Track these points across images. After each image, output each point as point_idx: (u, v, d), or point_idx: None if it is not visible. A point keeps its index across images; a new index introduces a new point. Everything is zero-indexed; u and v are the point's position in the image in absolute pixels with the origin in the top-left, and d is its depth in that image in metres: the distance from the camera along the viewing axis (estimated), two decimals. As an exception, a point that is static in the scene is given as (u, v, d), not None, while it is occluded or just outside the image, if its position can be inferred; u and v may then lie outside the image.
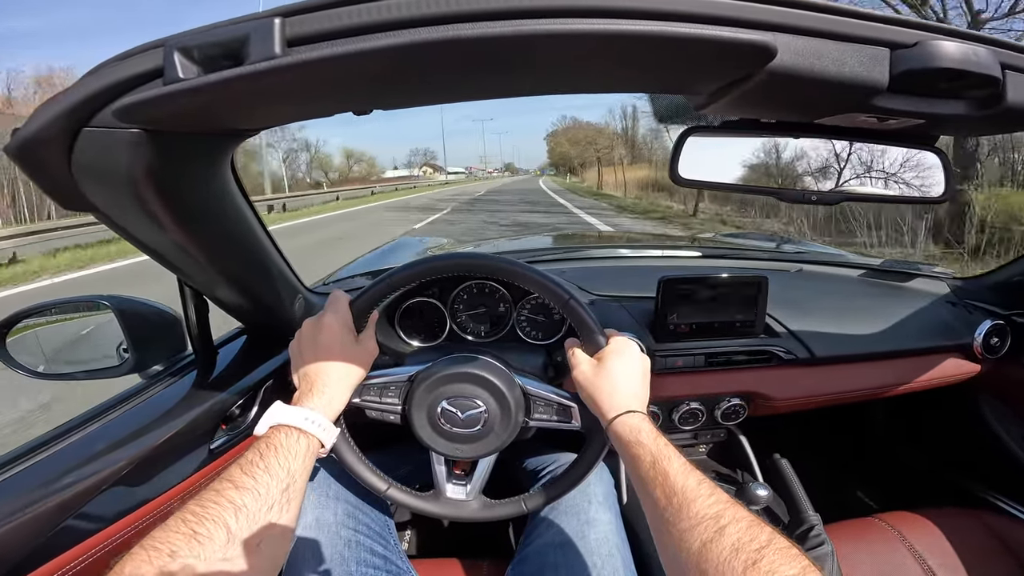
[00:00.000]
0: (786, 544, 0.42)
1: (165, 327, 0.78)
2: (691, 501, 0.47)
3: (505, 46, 0.35)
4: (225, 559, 0.42)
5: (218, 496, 0.45)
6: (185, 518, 0.43)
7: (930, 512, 0.95)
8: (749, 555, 0.40)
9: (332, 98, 0.43)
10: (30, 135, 0.37)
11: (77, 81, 0.37)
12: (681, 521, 0.47)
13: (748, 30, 0.36)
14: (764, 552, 0.40)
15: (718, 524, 0.44)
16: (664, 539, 0.49)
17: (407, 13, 0.35)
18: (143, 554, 0.39)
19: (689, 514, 0.46)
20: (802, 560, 0.40)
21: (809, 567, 0.39)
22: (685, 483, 0.50)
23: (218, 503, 0.45)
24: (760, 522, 0.44)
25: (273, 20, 0.35)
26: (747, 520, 0.44)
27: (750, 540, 0.42)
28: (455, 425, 0.70)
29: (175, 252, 0.56)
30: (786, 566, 0.39)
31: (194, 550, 0.41)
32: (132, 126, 0.38)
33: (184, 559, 0.40)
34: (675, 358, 0.92)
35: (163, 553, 0.40)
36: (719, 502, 0.47)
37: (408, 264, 0.70)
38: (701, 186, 0.60)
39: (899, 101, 0.43)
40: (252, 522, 0.45)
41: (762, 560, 0.40)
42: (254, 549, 0.45)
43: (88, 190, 0.43)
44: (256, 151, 27.80)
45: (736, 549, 0.41)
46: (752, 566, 0.40)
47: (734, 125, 0.58)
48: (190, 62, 0.36)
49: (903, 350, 0.97)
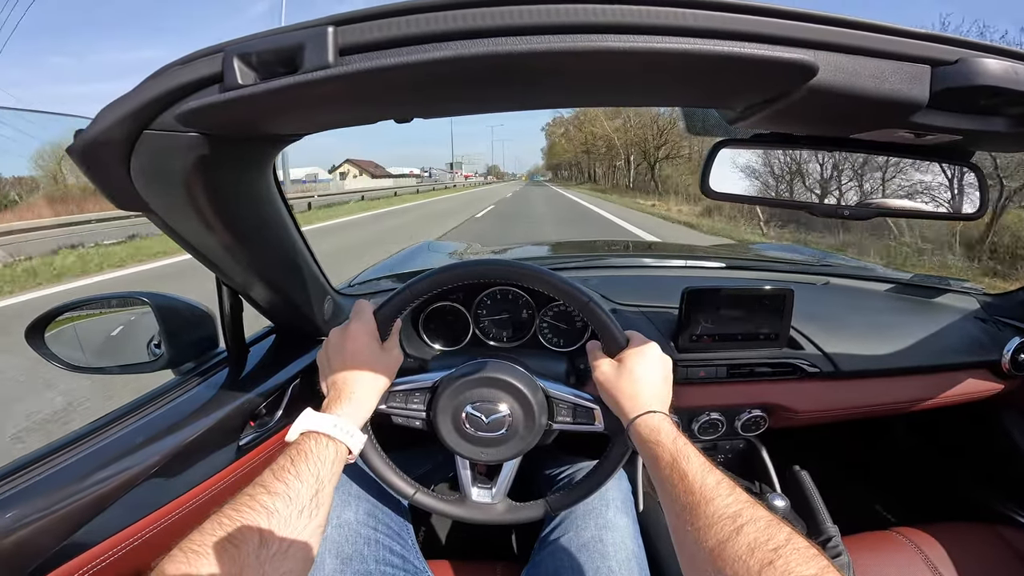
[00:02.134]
0: (804, 544, 0.41)
1: (198, 324, 0.80)
2: (709, 500, 0.47)
3: (556, 61, 0.36)
4: (258, 561, 0.44)
5: (252, 501, 0.47)
6: (221, 521, 0.44)
7: (948, 526, 0.94)
8: (765, 554, 0.40)
9: (378, 106, 0.44)
10: (94, 137, 0.39)
11: (140, 84, 0.38)
12: (699, 520, 0.47)
13: (790, 48, 0.36)
14: (781, 552, 0.40)
15: (735, 523, 0.44)
16: (682, 538, 0.49)
17: (458, 25, 0.36)
18: (182, 556, 0.41)
19: (707, 513, 0.46)
20: (821, 561, 0.40)
21: (828, 568, 0.39)
22: (704, 482, 0.50)
23: (252, 507, 0.46)
24: (779, 522, 0.44)
25: (327, 29, 0.36)
26: (765, 520, 0.44)
27: (767, 540, 0.42)
28: (480, 429, 0.71)
29: (219, 252, 0.58)
30: (803, 566, 0.39)
31: (229, 553, 0.42)
32: (190, 130, 0.40)
33: (220, 562, 0.41)
34: (697, 368, 0.92)
35: (200, 555, 0.41)
36: (737, 502, 0.47)
37: (430, 272, 0.71)
38: (732, 199, 0.61)
39: (938, 117, 0.43)
40: (283, 526, 0.47)
41: (778, 560, 0.39)
42: (285, 552, 0.46)
43: (143, 190, 0.44)
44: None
45: (752, 548, 0.41)
46: (768, 565, 0.39)
47: (765, 139, 0.58)
48: (248, 68, 0.37)
49: (929, 366, 0.96)
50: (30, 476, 0.57)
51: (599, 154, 49.01)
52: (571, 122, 52.33)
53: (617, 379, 0.66)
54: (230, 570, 0.42)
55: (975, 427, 1.11)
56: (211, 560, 0.41)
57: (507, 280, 0.83)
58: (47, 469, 0.59)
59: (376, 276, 1.23)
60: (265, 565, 0.44)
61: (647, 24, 0.35)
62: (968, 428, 1.13)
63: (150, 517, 0.63)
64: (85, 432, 0.65)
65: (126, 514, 0.61)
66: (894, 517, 1.20)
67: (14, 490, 0.55)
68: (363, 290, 1.09)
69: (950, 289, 1.11)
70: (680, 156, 28.50)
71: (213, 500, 0.70)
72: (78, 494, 0.57)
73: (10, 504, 0.53)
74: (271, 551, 0.45)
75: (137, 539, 0.61)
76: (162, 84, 0.38)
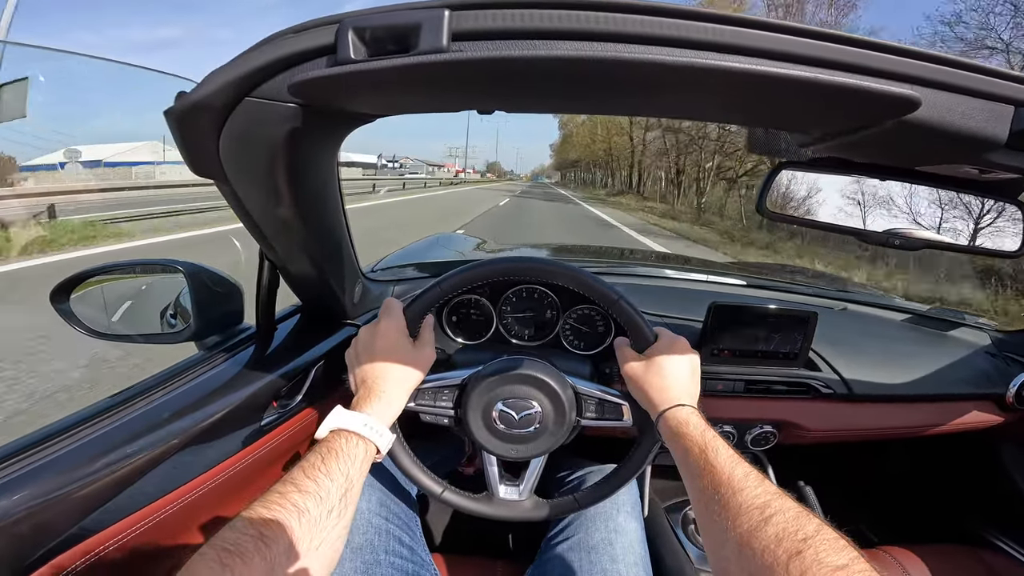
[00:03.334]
0: (834, 536, 0.41)
1: (228, 297, 0.79)
2: (737, 491, 0.48)
3: (657, 72, 0.37)
4: (288, 559, 0.44)
5: (282, 499, 0.47)
6: (252, 519, 0.44)
7: (933, 548, 0.97)
8: (793, 544, 0.40)
9: (472, 95, 0.44)
10: (198, 100, 0.38)
11: (249, 49, 0.38)
12: (727, 510, 0.47)
13: (896, 83, 0.37)
14: (810, 543, 0.40)
15: (763, 514, 0.44)
16: (709, 528, 0.49)
17: (572, 26, 0.36)
18: (212, 553, 0.40)
19: (735, 503, 0.47)
20: (851, 552, 0.40)
21: (858, 558, 0.39)
22: (732, 473, 0.50)
23: (283, 506, 0.46)
24: (808, 513, 0.44)
25: (443, 12, 0.36)
26: (794, 511, 0.44)
27: (796, 531, 0.42)
28: (510, 426, 0.71)
29: (275, 224, 0.57)
30: (833, 556, 0.39)
31: (260, 551, 0.42)
32: (290, 100, 0.40)
33: (251, 559, 0.41)
34: (716, 381, 0.94)
35: (232, 553, 0.41)
36: (766, 492, 0.47)
37: (460, 269, 0.71)
38: (787, 220, 0.62)
39: (1011, 157, 0.44)
40: (313, 525, 0.47)
41: (808, 550, 0.39)
42: (314, 550, 0.46)
43: (227, 156, 0.44)
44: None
45: (780, 538, 0.41)
46: (796, 555, 0.39)
47: (825, 163, 0.59)
48: (361, 43, 0.37)
49: (938, 395, 0.99)
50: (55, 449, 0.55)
51: (621, 159, 38.56)
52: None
53: (646, 373, 0.68)
54: (261, 568, 0.41)
55: (971, 455, 1.15)
56: (242, 558, 0.41)
57: (537, 278, 0.83)
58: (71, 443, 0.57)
59: (400, 263, 1.22)
60: (295, 564, 0.44)
61: (758, 48, 0.36)
62: (964, 456, 1.17)
63: (171, 495, 0.62)
64: (110, 404, 0.64)
65: (149, 491, 0.60)
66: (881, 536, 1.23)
67: (33, 465, 0.53)
68: (388, 276, 1.08)
69: (964, 323, 1.15)
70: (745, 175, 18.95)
71: (232, 480, 0.69)
72: (103, 470, 0.56)
73: (28, 480, 0.51)
74: (302, 550, 0.45)
75: (157, 517, 0.60)
76: (272, 52, 0.37)
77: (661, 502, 1.07)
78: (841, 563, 0.39)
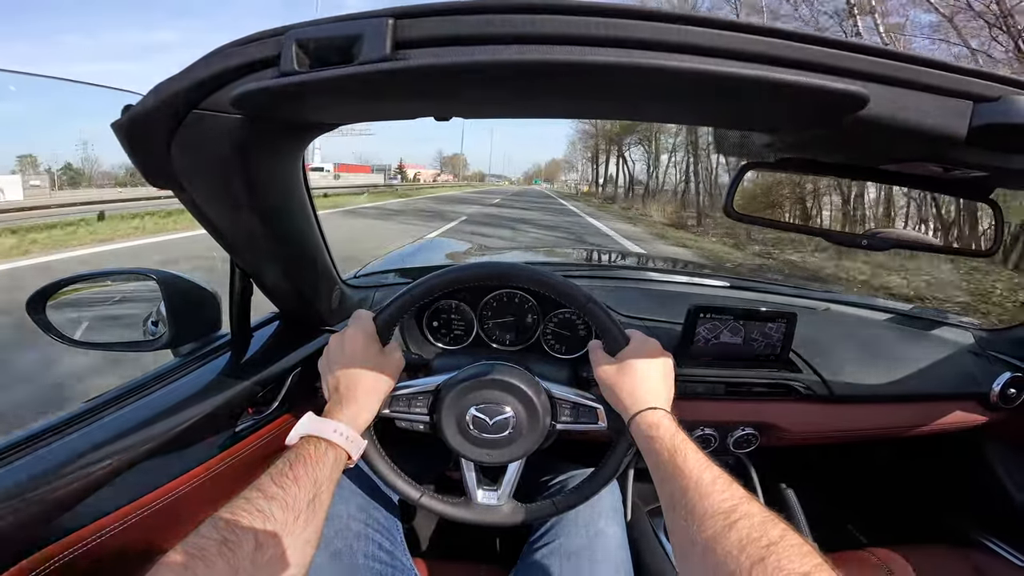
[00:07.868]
0: (798, 541, 0.41)
1: (203, 305, 0.79)
2: (704, 496, 0.47)
3: (611, 74, 0.36)
4: (254, 566, 0.44)
5: (248, 504, 0.47)
6: (216, 524, 0.44)
7: (919, 549, 0.97)
8: (756, 551, 0.40)
9: (423, 102, 0.44)
10: (144, 111, 0.38)
11: (196, 62, 0.38)
12: (692, 516, 0.46)
13: (844, 78, 0.37)
14: (773, 549, 0.39)
15: (728, 519, 0.44)
16: (676, 533, 0.49)
17: (514, 29, 0.36)
18: (177, 558, 0.41)
19: (700, 508, 0.46)
20: (814, 558, 0.39)
21: (821, 565, 0.38)
22: (700, 478, 0.50)
23: (248, 511, 0.46)
24: (774, 519, 0.44)
25: (386, 21, 0.36)
26: (760, 516, 0.43)
27: (760, 536, 0.41)
28: (484, 431, 0.71)
29: (241, 234, 0.57)
30: (795, 563, 0.38)
31: (223, 555, 0.42)
32: (237, 112, 0.39)
33: (214, 563, 0.41)
34: (696, 384, 0.93)
35: (195, 557, 0.41)
36: (733, 497, 0.46)
37: (427, 278, 0.70)
38: (753, 221, 0.62)
39: (972, 153, 0.44)
40: (280, 531, 0.47)
41: (770, 557, 0.39)
42: (280, 556, 0.46)
43: (180, 168, 0.44)
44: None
45: (743, 545, 0.41)
46: (759, 562, 0.39)
47: (792, 163, 0.59)
48: (304, 55, 0.37)
49: (921, 394, 0.99)
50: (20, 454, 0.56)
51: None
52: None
53: (617, 376, 0.67)
54: (224, 572, 0.41)
55: (956, 455, 1.14)
56: (206, 563, 0.41)
57: (506, 282, 0.83)
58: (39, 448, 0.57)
59: (383, 269, 1.22)
60: (261, 569, 0.44)
61: (710, 46, 0.35)
62: (949, 456, 1.16)
63: (140, 500, 0.62)
64: (82, 411, 0.64)
65: (117, 497, 0.60)
66: (869, 537, 1.23)
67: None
68: (369, 282, 1.08)
69: (947, 322, 1.14)
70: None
71: (205, 486, 0.69)
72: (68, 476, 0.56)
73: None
74: (267, 555, 0.45)
75: (125, 523, 0.60)
76: (217, 64, 0.37)
77: (644, 506, 1.07)
78: (804, 570, 0.38)
